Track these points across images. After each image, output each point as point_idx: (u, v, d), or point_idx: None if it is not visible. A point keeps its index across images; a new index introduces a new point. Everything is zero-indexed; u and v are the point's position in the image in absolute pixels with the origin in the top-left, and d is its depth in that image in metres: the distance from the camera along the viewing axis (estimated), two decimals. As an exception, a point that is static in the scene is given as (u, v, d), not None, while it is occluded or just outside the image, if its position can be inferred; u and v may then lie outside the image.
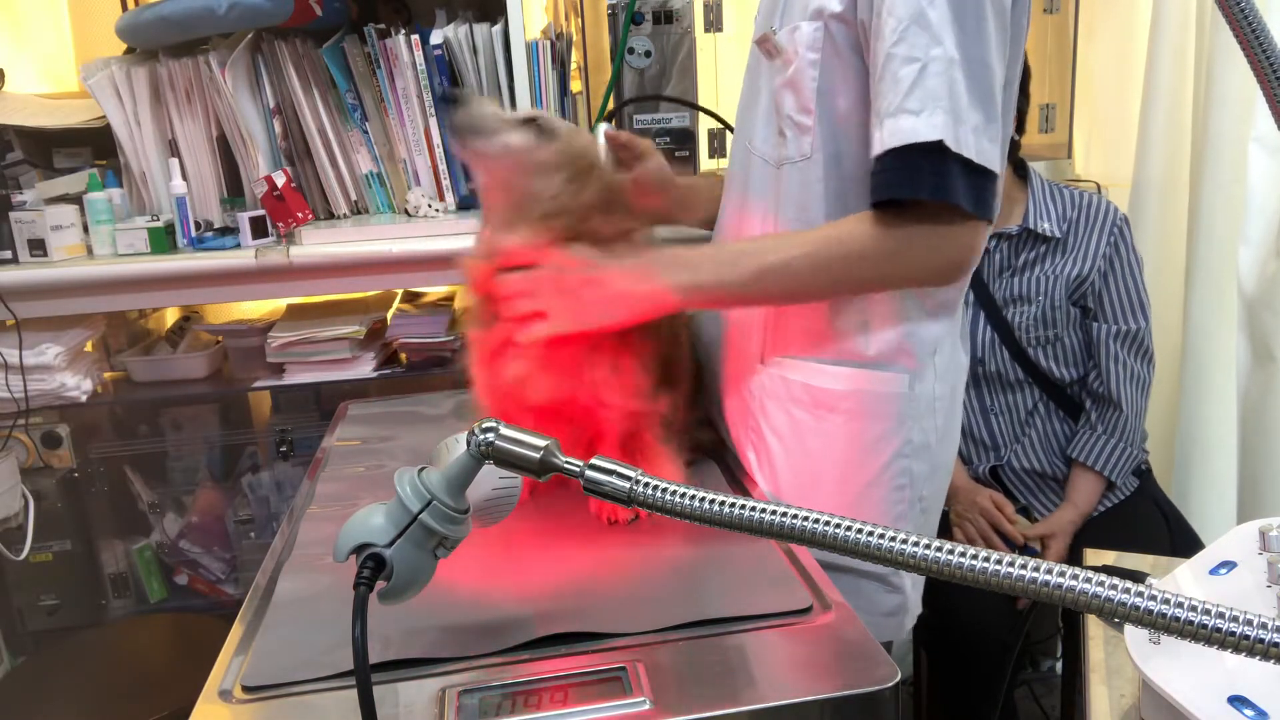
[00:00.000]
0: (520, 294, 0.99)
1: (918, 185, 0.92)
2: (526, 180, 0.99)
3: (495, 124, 0.99)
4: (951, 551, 0.55)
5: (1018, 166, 1.77)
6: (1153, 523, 1.75)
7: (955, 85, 0.90)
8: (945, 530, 1.75)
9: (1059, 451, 1.78)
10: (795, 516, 0.60)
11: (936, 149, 0.90)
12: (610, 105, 1.93)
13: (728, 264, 1.01)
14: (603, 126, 1.20)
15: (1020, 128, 1.73)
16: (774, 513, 0.61)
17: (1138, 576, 0.86)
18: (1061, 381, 1.76)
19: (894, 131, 0.91)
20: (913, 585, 1.13)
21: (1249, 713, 0.67)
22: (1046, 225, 1.71)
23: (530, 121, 1.00)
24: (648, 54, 1.92)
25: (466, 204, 1.97)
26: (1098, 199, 1.75)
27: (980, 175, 0.93)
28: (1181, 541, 1.71)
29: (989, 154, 0.93)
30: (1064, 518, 1.73)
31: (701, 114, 1.99)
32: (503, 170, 1.00)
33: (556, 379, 1.02)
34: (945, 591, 1.18)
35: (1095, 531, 1.73)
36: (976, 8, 0.91)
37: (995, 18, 0.92)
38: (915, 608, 1.15)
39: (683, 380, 1.16)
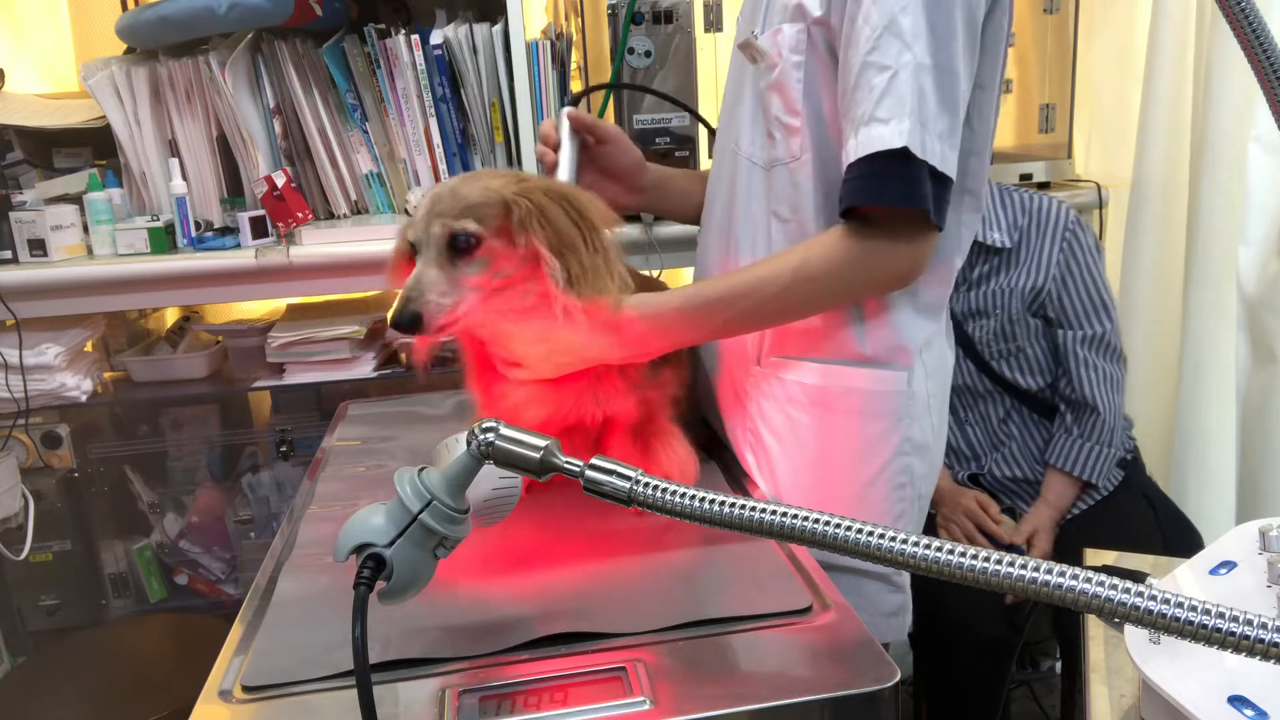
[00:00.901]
0: (501, 346, 1.00)
1: (885, 193, 0.93)
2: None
3: (436, 305, 0.91)
4: (952, 551, 0.55)
5: None
6: (1141, 517, 1.74)
7: (924, 92, 0.91)
8: (930, 533, 1.74)
9: (1039, 457, 1.77)
10: (795, 516, 0.60)
11: (902, 156, 0.90)
12: (580, 88, 1.93)
13: (697, 322, 1.01)
14: (566, 110, 1.19)
15: None
16: (774, 513, 0.61)
17: (1138, 576, 0.86)
18: (1029, 390, 1.75)
19: (867, 140, 0.91)
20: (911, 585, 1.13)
21: (1249, 713, 0.66)
22: (996, 236, 1.69)
23: (454, 240, 0.92)
24: (648, 54, 1.92)
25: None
26: (1048, 202, 1.72)
27: (941, 183, 0.93)
28: (1173, 532, 1.70)
29: (950, 161, 0.93)
30: (1043, 514, 1.72)
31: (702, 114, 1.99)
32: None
33: (554, 401, 1.03)
34: (937, 591, 1.18)
35: (1081, 528, 1.73)
36: (948, 14, 0.91)
37: (965, 25, 0.93)
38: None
39: (679, 360, 1.16)
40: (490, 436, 0.68)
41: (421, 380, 1.05)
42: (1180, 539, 1.68)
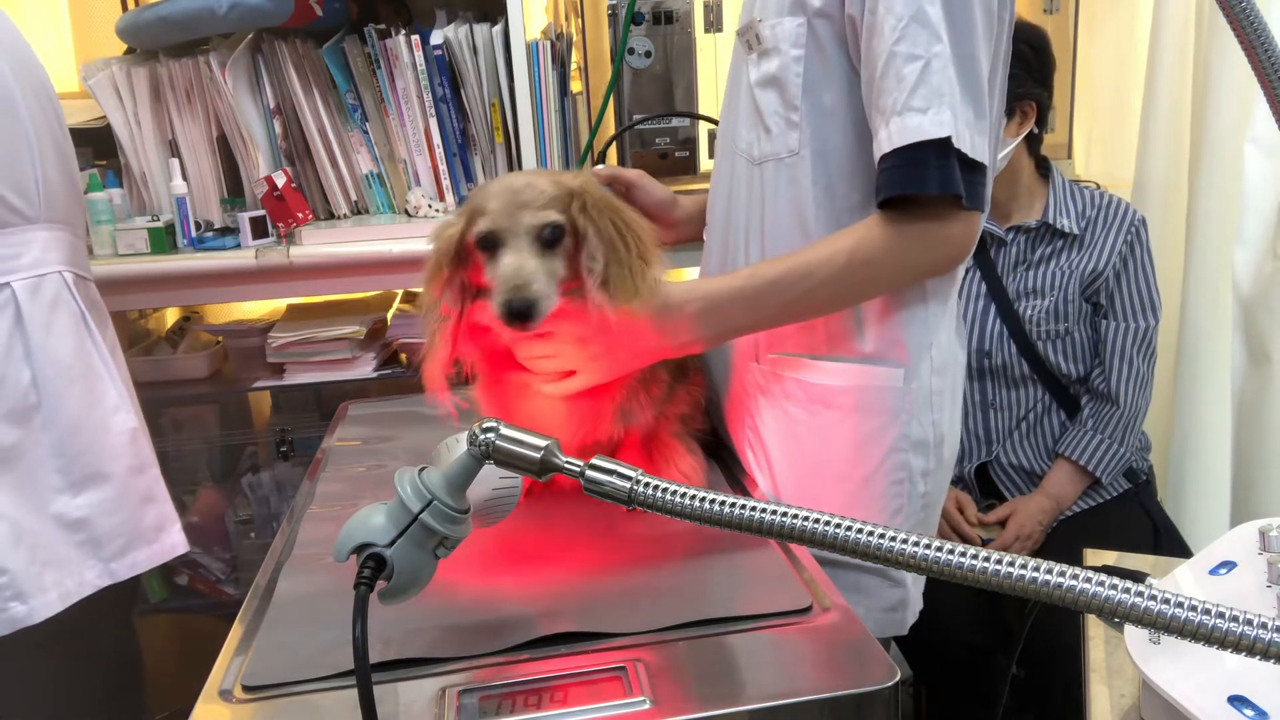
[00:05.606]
0: (547, 357, 0.99)
1: (925, 180, 0.93)
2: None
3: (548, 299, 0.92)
4: (952, 551, 0.55)
5: (1039, 163, 1.79)
6: (1138, 530, 1.73)
7: (952, 81, 0.92)
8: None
9: (1049, 452, 1.78)
10: (795, 516, 0.60)
11: (941, 145, 0.91)
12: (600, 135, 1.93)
13: (755, 305, 1.00)
14: (593, 169, 1.20)
15: (1042, 121, 1.74)
16: (774, 513, 0.61)
17: (1138, 576, 0.86)
18: (1067, 378, 1.76)
19: (901, 130, 0.92)
20: (914, 580, 1.13)
21: (1249, 713, 0.67)
22: (1066, 222, 1.73)
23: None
24: (648, 54, 1.93)
25: (466, 204, 1.97)
26: (1117, 200, 1.76)
27: (972, 169, 0.94)
28: (1170, 553, 1.69)
29: (980, 148, 0.95)
30: (1030, 504, 1.72)
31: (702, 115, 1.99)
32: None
33: (577, 417, 1.03)
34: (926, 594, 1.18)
35: (1073, 530, 1.72)
36: (967, 3, 0.92)
37: (982, 10, 0.94)
38: (917, 603, 1.15)
39: (697, 371, 1.17)
40: (491, 436, 0.68)
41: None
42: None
